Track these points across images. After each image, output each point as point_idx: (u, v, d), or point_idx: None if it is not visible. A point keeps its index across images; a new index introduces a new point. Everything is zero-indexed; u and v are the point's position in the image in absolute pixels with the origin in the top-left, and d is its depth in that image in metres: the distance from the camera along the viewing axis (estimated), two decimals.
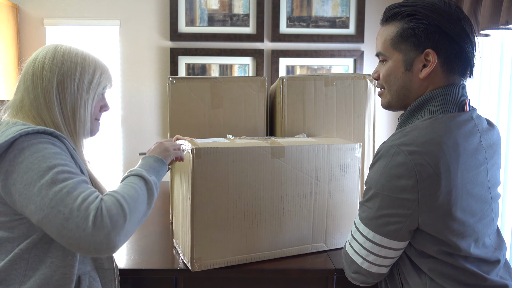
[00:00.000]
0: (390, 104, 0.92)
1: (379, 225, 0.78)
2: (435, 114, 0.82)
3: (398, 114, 2.97)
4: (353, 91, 1.44)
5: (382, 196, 0.76)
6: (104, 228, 0.69)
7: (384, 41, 0.88)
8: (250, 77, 1.47)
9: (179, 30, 2.84)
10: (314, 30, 2.86)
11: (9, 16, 2.75)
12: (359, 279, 0.86)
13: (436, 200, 0.74)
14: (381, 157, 0.78)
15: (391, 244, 0.79)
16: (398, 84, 0.87)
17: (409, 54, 0.84)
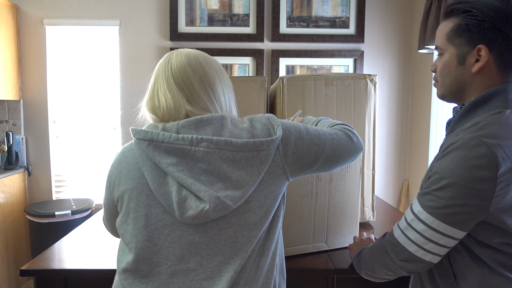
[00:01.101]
0: (444, 96, 0.95)
1: (447, 214, 0.80)
2: (501, 109, 0.85)
3: (397, 114, 2.97)
4: (353, 91, 1.44)
5: (458, 186, 0.79)
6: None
7: (441, 35, 0.92)
8: (250, 77, 1.47)
9: (179, 30, 2.84)
10: (314, 30, 2.86)
11: (9, 16, 2.75)
12: (407, 267, 0.87)
13: (510, 193, 0.78)
14: (458, 148, 0.80)
15: (455, 233, 0.81)
16: (451, 77, 0.90)
17: (463, 49, 0.87)
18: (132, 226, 0.80)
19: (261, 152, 0.78)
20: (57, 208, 2.65)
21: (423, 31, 2.41)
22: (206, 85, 0.85)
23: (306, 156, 0.85)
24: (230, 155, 0.77)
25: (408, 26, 2.95)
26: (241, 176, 0.77)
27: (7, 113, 2.90)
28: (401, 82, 2.98)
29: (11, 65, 2.77)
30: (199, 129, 0.79)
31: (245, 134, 0.80)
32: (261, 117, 0.85)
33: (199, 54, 0.88)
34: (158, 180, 0.78)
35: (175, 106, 0.82)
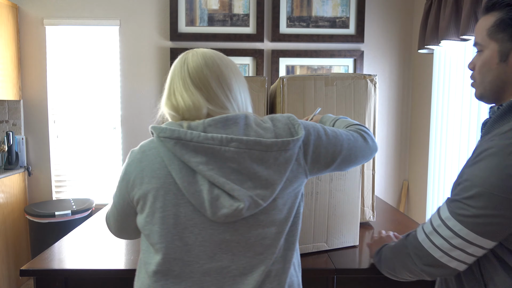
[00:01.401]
0: (482, 96, 0.89)
1: (477, 224, 0.76)
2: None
3: (397, 114, 2.97)
4: (353, 91, 1.44)
5: (490, 196, 0.74)
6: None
7: (481, 30, 0.85)
8: (250, 77, 1.47)
9: (179, 30, 2.84)
10: (314, 30, 2.86)
11: (9, 16, 2.75)
12: (431, 272, 0.84)
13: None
14: (493, 154, 0.75)
15: (484, 243, 0.77)
16: (492, 75, 0.84)
17: (506, 45, 0.81)
18: (159, 226, 0.80)
19: (287, 151, 0.80)
20: (57, 208, 2.65)
21: (423, 31, 2.41)
22: (223, 84, 0.85)
23: (324, 156, 0.87)
24: (259, 154, 0.78)
25: (408, 26, 2.95)
26: (270, 175, 0.79)
27: (7, 113, 2.90)
28: (401, 82, 2.98)
29: (11, 65, 2.77)
30: (226, 128, 0.80)
31: (269, 133, 0.81)
32: (282, 117, 0.86)
33: (214, 54, 0.88)
34: (188, 179, 0.78)
35: (194, 105, 0.82)
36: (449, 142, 2.31)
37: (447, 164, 2.33)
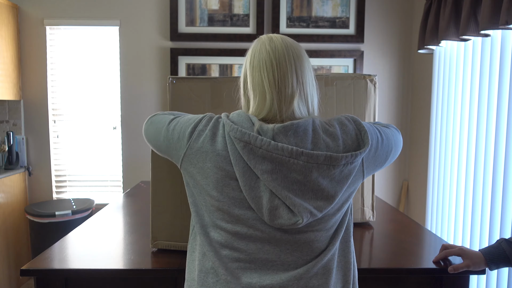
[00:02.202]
0: None
1: None
2: None
3: (397, 114, 2.97)
4: (353, 91, 1.44)
5: None
6: None
7: None
8: None
9: (179, 30, 2.84)
10: (314, 30, 2.86)
11: (9, 16, 2.75)
12: None
13: None
14: None
15: None
16: None
17: None
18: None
19: (353, 164, 0.80)
20: (57, 208, 2.65)
21: (423, 31, 2.41)
22: (301, 81, 0.84)
23: (381, 157, 0.88)
24: (327, 168, 0.78)
25: (408, 26, 2.95)
26: (333, 188, 0.79)
27: (8, 113, 2.90)
28: (401, 82, 2.98)
29: (12, 65, 2.78)
30: (296, 136, 0.78)
31: (337, 142, 0.80)
32: (348, 121, 0.84)
33: (293, 47, 0.86)
34: (250, 183, 0.78)
35: (270, 105, 0.82)
36: (449, 142, 2.31)
37: (447, 164, 2.33)
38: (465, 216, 2.12)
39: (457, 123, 2.23)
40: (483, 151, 1.97)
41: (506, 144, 1.78)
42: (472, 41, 2.07)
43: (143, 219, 1.54)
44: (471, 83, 2.09)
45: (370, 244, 1.31)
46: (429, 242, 1.30)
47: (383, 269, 1.10)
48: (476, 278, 1.97)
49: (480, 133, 2.00)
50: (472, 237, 2.04)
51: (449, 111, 2.31)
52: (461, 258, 1.09)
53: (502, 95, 1.83)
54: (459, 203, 2.19)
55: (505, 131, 1.80)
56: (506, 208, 1.78)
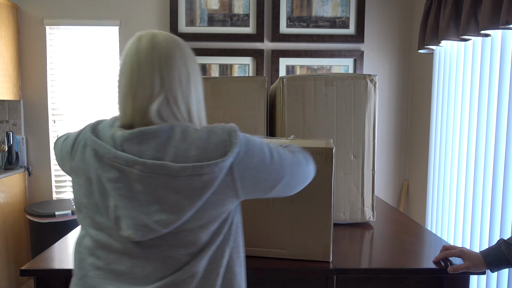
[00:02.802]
0: None
1: None
2: None
3: (397, 114, 2.97)
4: (353, 91, 1.44)
5: None
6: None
7: None
8: (250, 77, 1.47)
9: (179, 30, 2.84)
10: (314, 30, 2.86)
11: (9, 16, 2.75)
12: None
13: None
14: None
15: None
16: None
17: None
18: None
19: (203, 176, 0.72)
20: (57, 208, 2.65)
21: (423, 31, 2.41)
22: (164, 85, 0.77)
23: (264, 181, 0.79)
24: (166, 179, 0.71)
25: (408, 26, 2.95)
26: (178, 201, 0.72)
27: (7, 113, 2.90)
28: (401, 82, 2.98)
29: (11, 65, 2.78)
30: (143, 143, 0.73)
31: (194, 150, 0.73)
32: (222, 131, 0.77)
33: (180, 40, 0.81)
34: (101, 191, 0.75)
35: (124, 110, 0.78)
36: (449, 142, 2.31)
37: (447, 164, 2.33)
38: (465, 216, 2.12)
39: (457, 123, 2.23)
40: (483, 151, 1.97)
41: (506, 144, 1.78)
42: (472, 41, 2.07)
43: None
44: (471, 83, 2.09)
45: (370, 244, 1.31)
46: (429, 242, 1.30)
47: (383, 269, 1.10)
48: (476, 278, 1.97)
49: (480, 133, 2.00)
50: (472, 237, 2.04)
51: (449, 111, 2.31)
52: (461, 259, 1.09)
53: (502, 95, 1.83)
54: (459, 203, 2.19)
55: (505, 131, 1.80)
56: (506, 208, 1.77)
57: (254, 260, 1.15)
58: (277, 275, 1.13)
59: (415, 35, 2.91)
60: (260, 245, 1.16)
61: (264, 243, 1.16)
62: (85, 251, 0.80)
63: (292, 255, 1.16)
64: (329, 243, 1.14)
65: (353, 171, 1.47)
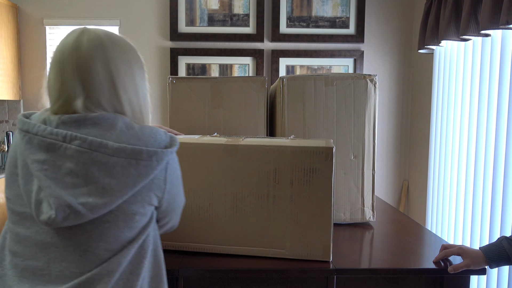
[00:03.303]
0: None
1: None
2: None
3: (397, 114, 2.97)
4: (353, 91, 1.44)
5: None
6: None
7: None
8: (250, 77, 1.47)
9: (179, 30, 2.84)
10: (314, 30, 2.86)
11: (9, 16, 2.75)
12: None
13: None
14: None
15: None
16: None
17: None
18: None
19: (140, 162, 0.72)
20: None
21: (423, 31, 2.41)
22: (113, 78, 0.77)
23: (177, 196, 0.86)
24: (102, 158, 0.70)
25: (408, 26, 2.95)
26: (110, 184, 0.71)
27: (7, 113, 2.90)
28: (401, 82, 2.98)
29: (11, 65, 2.78)
30: (81, 128, 0.72)
31: (136, 140, 0.74)
32: (164, 133, 0.80)
33: (108, 40, 0.78)
34: (26, 176, 0.73)
35: (67, 98, 0.75)
36: (449, 142, 2.31)
37: (447, 164, 2.33)
38: (465, 216, 2.12)
39: (457, 123, 2.23)
40: (483, 151, 1.97)
41: (506, 144, 1.78)
42: (473, 41, 2.07)
43: None
44: (471, 83, 2.09)
45: (370, 244, 1.31)
46: (429, 242, 1.30)
47: (383, 269, 1.10)
48: (476, 278, 1.97)
49: (480, 133, 2.00)
50: (472, 237, 2.04)
51: (449, 111, 2.31)
52: (461, 258, 1.09)
53: (502, 95, 1.83)
54: (459, 203, 2.19)
55: (505, 131, 1.80)
56: (506, 207, 1.77)
57: (254, 260, 1.15)
58: (277, 275, 1.13)
59: (415, 35, 2.91)
60: (260, 244, 1.16)
61: (264, 243, 1.16)
62: (6, 249, 0.77)
63: (292, 255, 1.16)
64: (329, 243, 1.14)
65: (353, 171, 1.46)
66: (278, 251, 1.16)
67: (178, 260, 1.14)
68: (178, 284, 1.12)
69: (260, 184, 1.13)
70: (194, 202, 1.17)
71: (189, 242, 1.19)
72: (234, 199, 1.15)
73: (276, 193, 1.13)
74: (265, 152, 1.13)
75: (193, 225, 1.18)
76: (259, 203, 1.14)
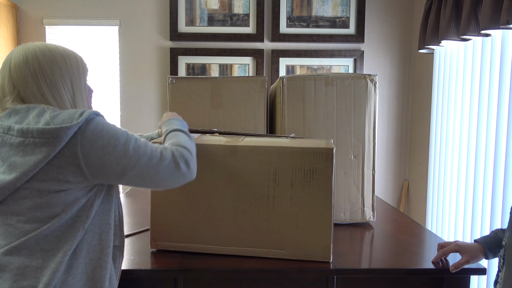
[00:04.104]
0: None
1: None
2: None
3: (397, 114, 2.97)
4: (353, 91, 1.44)
5: None
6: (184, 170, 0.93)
7: None
8: (250, 77, 1.47)
9: (179, 30, 2.84)
10: (314, 30, 2.86)
11: (9, 16, 2.75)
12: None
13: None
14: None
15: None
16: None
17: None
18: None
19: (37, 140, 0.80)
20: None
21: (423, 31, 2.41)
22: (41, 81, 0.89)
23: (112, 166, 0.85)
24: (10, 139, 0.82)
25: (408, 26, 2.95)
26: (15, 162, 0.81)
27: None
28: (401, 82, 2.98)
29: None
30: (10, 117, 0.85)
31: (43, 123, 0.82)
32: (75, 111, 0.86)
33: (38, 50, 0.91)
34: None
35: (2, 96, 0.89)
36: (449, 142, 2.31)
37: (447, 164, 2.33)
38: (465, 216, 2.12)
39: (457, 123, 2.23)
40: (484, 151, 1.97)
41: (507, 144, 1.78)
42: (473, 41, 2.07)
43: (143, 219, 1.54)
44: (472, 83, 2.08)
45: (370, 244, 1.31)
46: (429, 242, 1.30)
47: (383, 269, 1.10)
48: (476, 278, 1.97)
49: (480, 133, 2.00)
50: (472, 237, 2.04)
51: (450, 111, 2.31)
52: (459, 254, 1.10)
53: (503, 95, 1.83)
54: (459, 203, 2.19)
55: (506, 131, 1.80)
56: (506, 207, 1.77)
57: (254, 260, 1.15)
58: (277, 275, 1.13)
59: (415, 35, 2.91)
60: (260, 245, 1.16)
61: (264, 243, 1.16)
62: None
63: (292, 256, 1.16)
64: (329, 243, 1.14)
65: (353, 171, 1.46)
66: (278, 252, 1.16)
67: (178, 260, 1.14)
68: (178, 284, 1.12)
69: (260, 185, 1.13)
70: (193, 203, 1.17)
71: (189, 242, 1.19)
72: (234, 200, 1.15)
73: (276, 194, 1.13)
74: (265, 153, 1.12)
75: (193, 226, 1.18)
76: (259, 204, 1.14)
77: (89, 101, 1.02)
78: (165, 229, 1.18)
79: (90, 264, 0.88)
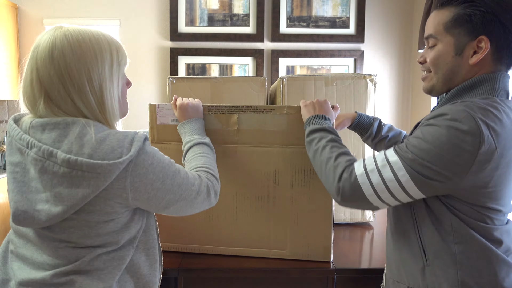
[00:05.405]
0: (433, 88, 0.92)
1: (420, 174, 0.80)
2: (488, 95, 0.84)
3: (397, 114, 2.97)
4: (353, 91, 1.44)
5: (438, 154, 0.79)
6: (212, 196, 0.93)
7: (437, 24, 0.88)
8: (250, 77, 1.47)
9: (179, 30, 2.84)
10: (314, 30, 2.86)
11: (9, 16, 2.75)
12: (348, 199, 0.85)
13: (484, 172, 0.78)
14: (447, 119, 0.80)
15: (415, 194, 0.81)
16: (447, 67, 0.88)
17: (462, 39, 0.85)
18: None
19: (86, 174, 0.72)
20: None
21: (423, 31, 2.41)
22: (68, 82, 0.78)
23: (158, 200, 0.81)
24: (53, 167, 0.73)
25: (408, 26, 2.95)
26: (61, 194, 0.73)
27: (7, 113, 2.90)
28: (401, 82, 2.98)
29: (11, 65, 2.77)
30: (45, 132, 0.75)
31: (88, 148, 0.73)
32: (122, 135, 0.76)
33: (67, 44, 0.80)
34: (7, 175, 0.81)
35: (31, 100, 0.79)
36: None
37: None
38: None
39: None
40: None
41: None
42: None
43: None
44: None
45: (370, 244, 1.31)
46: None
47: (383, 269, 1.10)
48: None
49: None
50: None
51: None
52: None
53: None
54: None
55: None
56: None
57: (254, 260, 1.15)
58: (277, 275, 1.13)
59: (415, 35, 2.91)
60: (260, 245, 1.17)
61: (264, 244, 1.16)
62: (12, 234, 0.86)
63: (292, 255, 1.16)
64: (329, 243, 1.14)
65: None
66: (279, 252, 1.16)
67: (178, 260, 1.14)
68: (178, 284, 1.12)
69: (260, 185, 1.13)
70: None
71: (189, 243, 1.19)
72: (234, 201, 1.15)
73: (276, 194, 1.14)
74: (265, 153, 1.12)
75: (194, 226, 1.18)
76: (259, 204, 1.14)
77: (121, 99, 0.89)
78: (165, 229, 1.18)
79: (139, 283, 0.86)
